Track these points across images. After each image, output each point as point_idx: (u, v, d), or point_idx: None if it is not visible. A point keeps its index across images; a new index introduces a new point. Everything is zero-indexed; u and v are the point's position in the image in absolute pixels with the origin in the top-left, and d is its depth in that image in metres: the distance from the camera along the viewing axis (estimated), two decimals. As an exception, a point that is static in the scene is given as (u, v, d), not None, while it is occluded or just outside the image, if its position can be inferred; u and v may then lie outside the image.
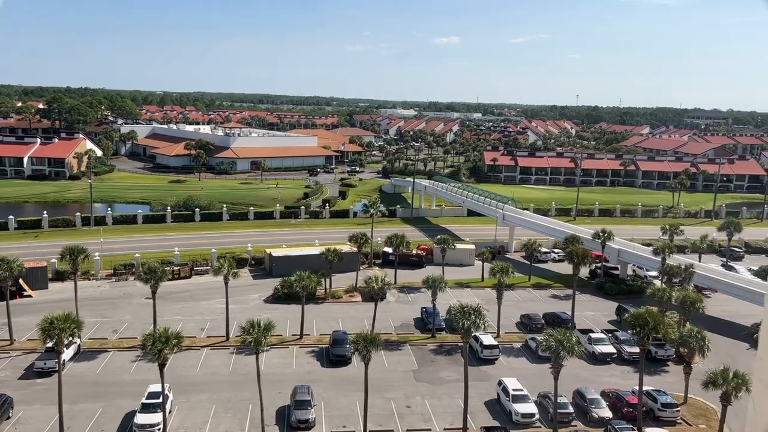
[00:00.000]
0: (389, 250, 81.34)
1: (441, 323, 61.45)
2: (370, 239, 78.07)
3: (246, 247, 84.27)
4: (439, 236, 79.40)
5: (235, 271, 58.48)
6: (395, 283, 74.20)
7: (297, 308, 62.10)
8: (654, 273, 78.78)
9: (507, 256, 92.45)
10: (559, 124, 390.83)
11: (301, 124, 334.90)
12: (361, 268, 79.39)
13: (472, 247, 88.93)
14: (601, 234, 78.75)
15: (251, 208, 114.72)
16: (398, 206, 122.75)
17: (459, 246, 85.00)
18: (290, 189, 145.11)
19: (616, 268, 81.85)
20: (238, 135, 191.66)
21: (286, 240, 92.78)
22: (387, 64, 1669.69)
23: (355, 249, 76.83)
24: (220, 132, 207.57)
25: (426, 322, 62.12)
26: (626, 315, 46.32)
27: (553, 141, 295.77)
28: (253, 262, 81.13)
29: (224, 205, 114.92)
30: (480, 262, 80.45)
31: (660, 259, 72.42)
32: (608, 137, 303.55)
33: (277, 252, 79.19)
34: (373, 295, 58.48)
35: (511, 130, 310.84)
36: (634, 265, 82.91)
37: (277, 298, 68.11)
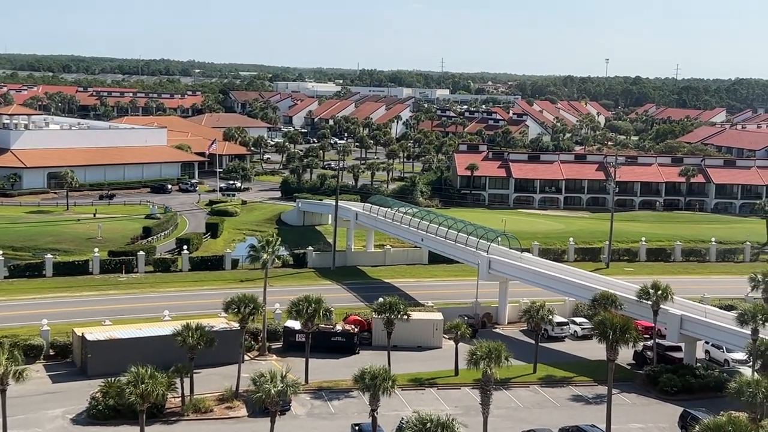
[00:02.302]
0: (296, 325, 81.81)
1: (387, 451, 61.98)
2: (262, 308, 77.90)
3: (39, 325, 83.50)
4: (381, 299, 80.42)
5: (20, 368, 57.69)
6: (306, 382, 74.42)
7: (132, 432, 60.73)
8: (741, 355, 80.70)
9: (497, 330, 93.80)
10: (579, 108, 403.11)
11: (139, 109, 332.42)
12: (246, 357, 79.46)
13: (439, 317, 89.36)
14: (652, 291, 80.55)
15: (48, 255, 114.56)
16: (310, 248, 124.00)
17: (416, 316, 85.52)
18: (119, 221, 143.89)
19: (679, 348, 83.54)
20: (25, 128, 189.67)
21: (111, 312, 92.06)
22: (286, 4, 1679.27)
23: (237, 325, 76.61)
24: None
25: (361, 451, 62.55)
26: (697, 428, 47.59)
27: (569, 136, 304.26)
28: (52, 353, 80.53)
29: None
30: (452, 343, 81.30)
31: (750, 332, 73.82)
32: (659, 129, 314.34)
33: (95, 334, 78.55)
34: (268, 405, 58.43)
35: (499, 117, 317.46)
36: (707, 342, 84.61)
37: (96, 415, 67.63)
